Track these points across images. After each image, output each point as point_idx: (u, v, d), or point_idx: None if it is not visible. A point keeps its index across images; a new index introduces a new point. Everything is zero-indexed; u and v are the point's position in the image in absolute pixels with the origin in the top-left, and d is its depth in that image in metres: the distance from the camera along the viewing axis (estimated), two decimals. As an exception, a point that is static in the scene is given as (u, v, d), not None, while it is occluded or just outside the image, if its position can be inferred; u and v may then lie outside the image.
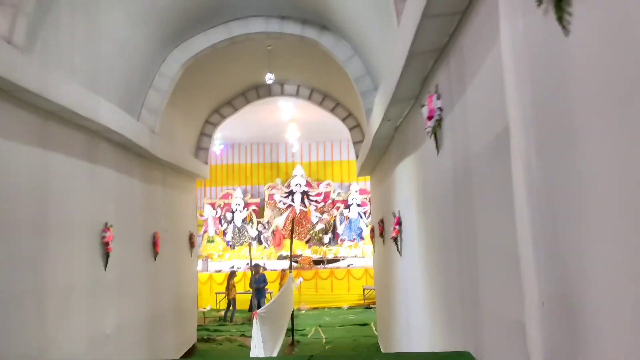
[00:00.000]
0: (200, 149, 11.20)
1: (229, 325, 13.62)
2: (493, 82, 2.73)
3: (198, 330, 12.70)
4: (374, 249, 10.75)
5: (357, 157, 11.24)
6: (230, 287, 15.20)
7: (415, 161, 5.28)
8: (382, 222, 8.63)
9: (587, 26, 1.84)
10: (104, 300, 6.40)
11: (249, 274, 16.45)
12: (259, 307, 13.37)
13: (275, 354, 7.67)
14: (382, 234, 8.69)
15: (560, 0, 1.95)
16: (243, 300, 15.78)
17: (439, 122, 4.07)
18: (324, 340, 11.43)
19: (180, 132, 9.90)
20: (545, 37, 2.11)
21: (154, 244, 8.24)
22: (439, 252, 4.22)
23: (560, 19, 1.97)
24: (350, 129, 11.30)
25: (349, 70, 8.08)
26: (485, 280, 2.99)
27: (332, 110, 11.38)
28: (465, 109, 3.33)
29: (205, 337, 11.74)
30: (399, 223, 6.39)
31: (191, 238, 10.45)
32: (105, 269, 6.40)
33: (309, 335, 12.21)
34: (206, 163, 11.23)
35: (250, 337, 12.28)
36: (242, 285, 16.52)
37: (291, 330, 11.15)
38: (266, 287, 14.46)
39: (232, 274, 15.76)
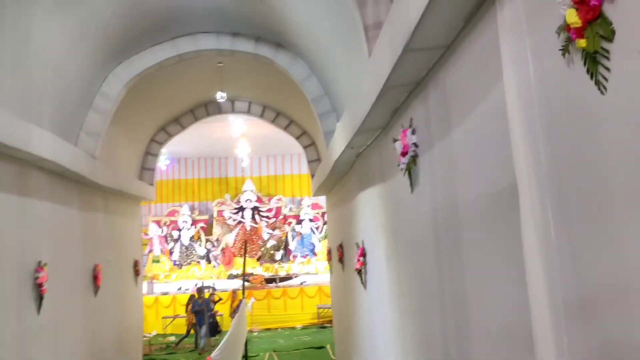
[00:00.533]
0: (146, 169, 10.51)
1: (178, 354, 12.86)
2: (492, 130, 2.42)
3: (144, 360, 11.91)
4: (331, 271, 10.39)
5: (312, 176, 10.88)
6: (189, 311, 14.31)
7: (382, 193, 4.96)
8: (341, 247, 8.29)
9: (629, 82, 1.55)
10: (37, 349, 5.69)
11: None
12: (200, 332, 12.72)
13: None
14: (341, 260, 8.34)
15: (595, 52, 1.65)
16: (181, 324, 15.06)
17: (414, 159, 3.76)
18: (278, 368, 10.94)
19: (124, 154, 9.22)
20: (570, 88, 1.81)
21: (95, 278, 7.54)
22: (417, 302, 3.89)
23: (593, 74, 1.67)
24: (305, 147, 10.93)
25: (306, 90, 7.71)
26: (479, 353, 2.66)
27: (285, 128, 10.98)
28: (451, 151, 3.02)
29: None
30: (363, 255, 6.06)
31: (136, 265, 9.74)
32: (39, 312, 5.71)
33: (263, 363, 11.69)
34: (152, 184, 10.55)
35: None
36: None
37: (244, 356, 10.59)
38: (212, 311, 13.75)
39: (192, 297, 14.86)
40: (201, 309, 12.87)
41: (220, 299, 14.77)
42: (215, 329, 13.64)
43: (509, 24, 2.20)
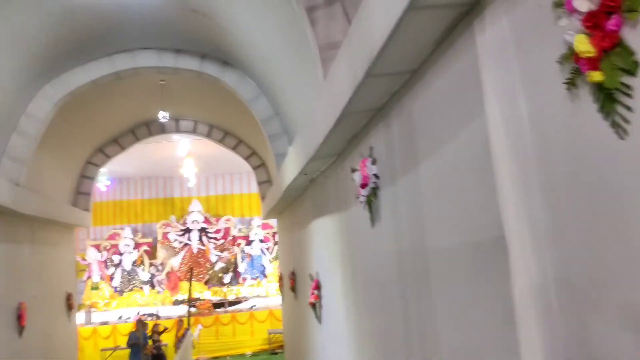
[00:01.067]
0: (81, 193, 9.75)
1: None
2: (470, 170, 2.10)
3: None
4: (282, 297, 9.92)
5: (262, 198, 10.43)
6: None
7: (339, 224, 4.60)
8: (293, 274, 7.86)
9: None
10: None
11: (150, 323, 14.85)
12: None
13: None
14: (293, 288, 7.91)
15: (613, 91, 1.35)
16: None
17: (374, 192, 3.42)
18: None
19: (53, 178, 8.47)
20: (576, 130, 1.50)
21: (19, 317, 6.77)
22: (378, 347, 3.52)
23: (609, 114, 1.36)
24: (255, 168, 10.49)
25: (255, 110, 7.31)
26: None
27: (234, 148, 10.51)
28: (418, 188, 2.69)
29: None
30: (318, 287, 5.66)
31: (69, 299, 8.93)
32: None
33: (211, 397, 10.99)
34: (87, 210, 9.78)
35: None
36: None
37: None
38: (158, 342, 12.89)
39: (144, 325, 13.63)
40: (136, 343, 12.00)
41: (165, 329, 13.90)
42: None
43: (491, 48, 1.89)
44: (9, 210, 6.32)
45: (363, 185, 3.50)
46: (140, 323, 12.52)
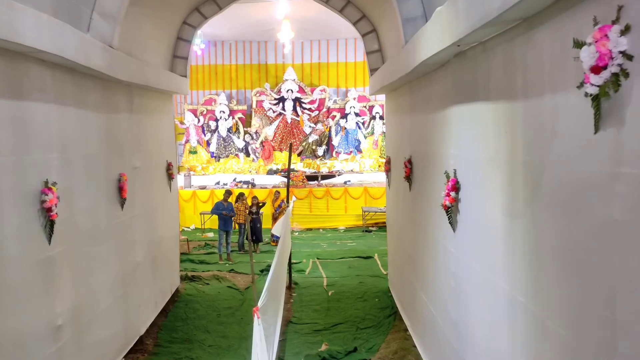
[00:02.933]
0: (178, 57, 9.00)
1: (215, 255, 12.19)
2: None
3: (182, 261, 11.35)
4: (388, 183, 9.10)
5: (370, 70, 9.21)
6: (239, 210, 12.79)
7: (511, 118, 3.42)
8: (410, 163, 6.88)
9: None
10: (50, 283, 4.72)
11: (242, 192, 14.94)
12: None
13: (277, 337, 6.24)
14: (408, 178, 6.98)
15: None
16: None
17: (616, 79, 2.19)
18: (324, 283, 10.12)
19: (150, 41, 7.68)
20: None
21: (120, 189, 6.45)
22: (570, 302, 2.51)
23: None
24: (364, 35, 9.13)
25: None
26: None
27: (341, 10, 9.11)
28: None
29: (189, 276, 10.34)
30: (456, 189, 4.65)
31: (169, 169, 8.63)
32: (50, 242, 4.65)
33: (307, 272, 10.91)
34: (185, 76, 9.09)
35: (240, 272, 10.97)
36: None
37: (288, 270, 9.76)
38: (257, 215, 12.90)
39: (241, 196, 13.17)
40: (227, 214, 11.89)
41: (264, 204, 13.86)
42: (258, 235, 12.83)
43: None
44: (105, 75, 5.65)
45: (596, 69, 2.27)
46: (228, 194, 12.41)
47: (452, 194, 4.69)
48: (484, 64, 3.92)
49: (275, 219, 13.48)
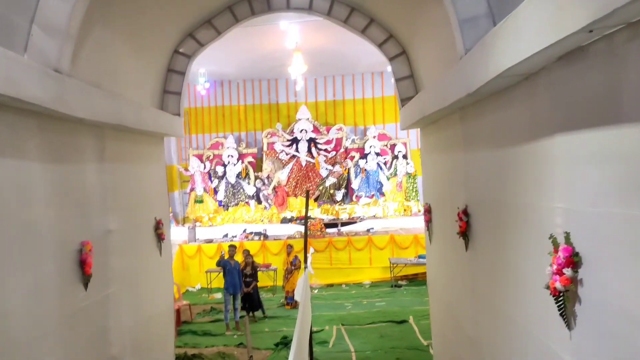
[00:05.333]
0: (169, 93, 7.53)
1: (221, 324, 10.36)
2: None
3: (182, 334, 9.61)
4: (430, 237, 7.35)
5: (400, 100, 7.64)
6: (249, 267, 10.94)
7: None
8: (466, 213, 5.19)
9: None
10: None
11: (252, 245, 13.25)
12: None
13: None
14: (465, 234, 5.27)
15: None
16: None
17: None
18: (353, 358, 8.26)
19: (130, 71, 6.20)
20: None
21: (82, 264, 4.79)
22: None
23: None
24: (392, 59, 7.59)
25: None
26: None
27: (363, 31, 7.62)
28: None
29: (188, 355, 8.54)
30: (573, 264, 2.93)
31: (158, 228, 7.00)
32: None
33: (331, 344, 9.06)
34: (178, 114, 7.59)
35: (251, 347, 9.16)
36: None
37: (309, 341, 7.94)
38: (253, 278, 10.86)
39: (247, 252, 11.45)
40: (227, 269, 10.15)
41: (259, 266, 11.74)
42: (255, 303, 10.76)
43: None
44: (53, 112, 4.11)
45: None
46: (233, 249, 10.65)
47: (568, 271, 2.96)
48: (628, 60, 2.29)
49: (288, 276, 11.74)
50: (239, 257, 10.91)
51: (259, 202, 16.74)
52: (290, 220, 15.80)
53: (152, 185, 7.11)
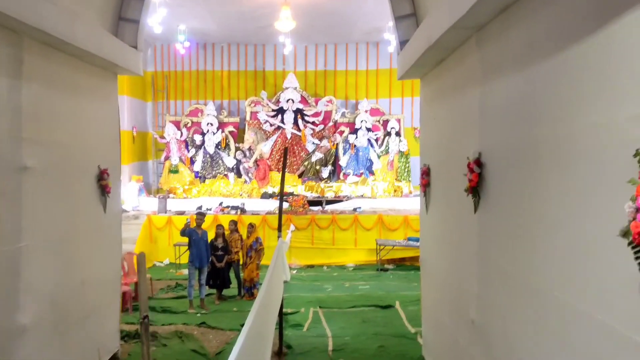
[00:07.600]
0: (125, 20, 6.31)
1: (185, 300, 9.15)
2: None
3: (137, 310, 8.39)
4: (427, 204, 6.23)
5: (400, 44, 6.49)
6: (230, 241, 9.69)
7: None
8: (479, 164, 4.07)
9: None
10: None
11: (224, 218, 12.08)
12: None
13: None
14: (475, 190, 4.16)
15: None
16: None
17: None
18: (330, 346, 7.15)
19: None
20: None
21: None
22: None
23: None
24: (391, -5, 6.42)
25: None
26: None
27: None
28: None
29: (138, 332, 7.34)
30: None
31: (102, 178, 5.79)
32: None
33: (305, 327, 7.95)
34: (135, 47, 6.37)
35: (214, 327, 8.05)
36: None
37: (279, 324, 6.82)
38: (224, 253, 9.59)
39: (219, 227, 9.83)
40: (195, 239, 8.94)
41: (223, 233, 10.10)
42: (226, 281, 9.44)
43: None
44: None
45: None
46: (201, 217, 9.37)
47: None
48: None
49: (247, 260, 9.57)
50: (210, 232, 9.59)
51: (239, 175, 15.54)
52: (272, 195, 14.61)
53: (97, 126, 5.90)
